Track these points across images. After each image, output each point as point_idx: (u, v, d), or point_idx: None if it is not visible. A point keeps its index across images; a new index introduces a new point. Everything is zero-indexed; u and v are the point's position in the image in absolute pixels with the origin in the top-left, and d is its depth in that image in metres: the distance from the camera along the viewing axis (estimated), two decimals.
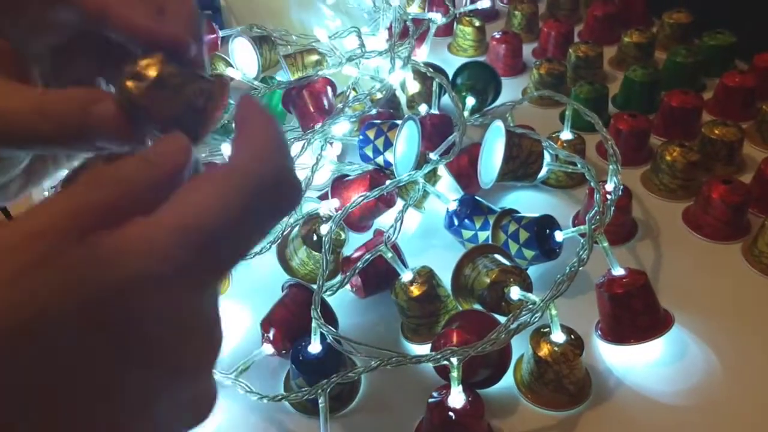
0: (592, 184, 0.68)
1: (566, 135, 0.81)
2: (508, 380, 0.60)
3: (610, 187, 0.67)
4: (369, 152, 0.76)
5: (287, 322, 0.61)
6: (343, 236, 0.70)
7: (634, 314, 0.61)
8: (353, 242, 0.71)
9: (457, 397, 0.53)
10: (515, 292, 0.58)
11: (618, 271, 0.62)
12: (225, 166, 0.23)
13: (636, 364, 0.61)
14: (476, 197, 0.73)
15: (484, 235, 0.69)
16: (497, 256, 0.63)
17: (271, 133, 0.24)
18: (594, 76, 1.00)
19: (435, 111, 0.83)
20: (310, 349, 0.58)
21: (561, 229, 0.67)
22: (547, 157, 0.78)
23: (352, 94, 0.82)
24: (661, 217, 0.78)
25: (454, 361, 0.53)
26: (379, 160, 0.76)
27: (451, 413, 0.52)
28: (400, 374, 0.61)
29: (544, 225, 0.67)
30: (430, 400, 0.54)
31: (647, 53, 1.03)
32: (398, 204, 0.73)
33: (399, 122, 0.73)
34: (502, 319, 0.57)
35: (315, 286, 0.60)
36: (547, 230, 0.66)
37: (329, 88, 0.83)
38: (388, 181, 0.71)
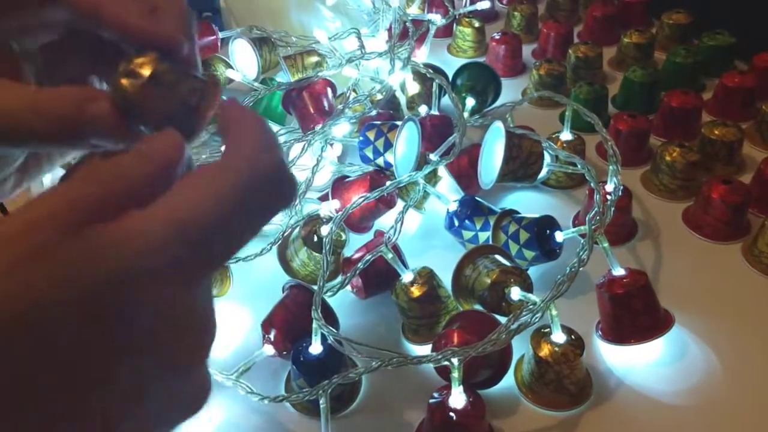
0: (592, 185, 0.68)
1: (566, 136, 0.81)
2: (508, 381, 0.60)
3: (610, 187, 0.67)
4: (369, 153, 0.76)
5: (288, 323, 0.61)
6: (343, 237, 0.70)
7: (634, 314, 0.61)
8: (354, 243, 0.71)
9: (458, 398, 0.53)
10: (516, 293, 0.58)
11: (618, 272, 0.62)
12: (218, 162, 0.24)
13: (636, 364, 0.61)
14: (476, 198, 0.73)
15: (484, 236, 0.70)
16: (498, 257, 0.63)
17: (261, 131, 0.25)
18: (593, 76, 1.00)
19: (435, 112, 0.83)
20: (311, 349, 0.58)
21: (561, 230, 0.67)
22: (547, 158, 0.78)
23: (352, 95, 0.82)
24: (661, 218, 0.78)
25: (455, 361, 0.53)
26: (380, 161, 0.76)
27: (452, 414, 0.52)
28: (401, 375, 0.61)
29: (545, 225, 0.67)
30: (431, 401, 0.54)
31: (647, 54, 1.04)
32: (398, 205, 0.73)
33: (399, 123, 0.73)
34: (502, 320, 0.57)
35: (316, 287, 0.60)
36: (548, 231, 0.66)
37: (329, 89, 0.83)
38: (388, 182, 0.71)
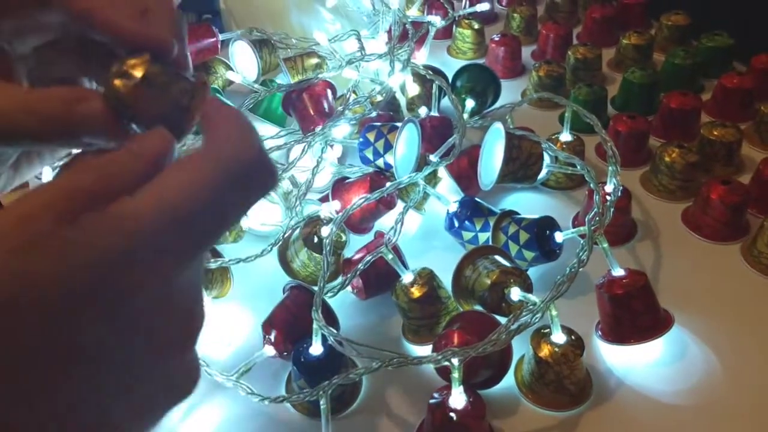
0: (591, 186, 0.69)
1: (566, 137, 0.82)
2: (508, 381, 0.60)
3: (609, 188, 0.67)
4: (369, 154, 0.76)
5: (288, 324, 0.61)
6: (343, 238, 0.70)
7: (634, 315, 0.61)
8: (354, 244, 0.71)
9: (458, 398, 0.53)
10: (516, 293, 0.58)
11: (618, 272, 0.62)
12: (202, 151, 0.25)
13: (636, 364, 0.62)
14: (476, 199, 0.73)
15: (484, 237, 0.70)
16: (497, 258, 0.63)
17: (240, 121, 0.26)
18: (593, 77, 1.00)
19: (435, 113, 0.83)
20: (311, 350, 0.58)
21: (561, 231, 0.67)
22: (547, 159, 0.79)
23: (352, 96, 0.82)
24: (661, 218, 0.78)
25: (455, 361, 0.53)
26: (380, 162, 0.76)
27: (452, 414, 0.53)
28: (401, 375, 0.61)
29: (544, 226, 0.67)
30: (431, 401, 0.54)
31: (646, 55, 1.04)
32: (399, 206, 0.73)
33: (399, 124, 0.73)
34: (502, 320, 0.57)
35: (316, 288, 0.61)
36: (547, 231, 0.67)
37: (329, 91, 0.83)
38: (388, 183, 0.71)
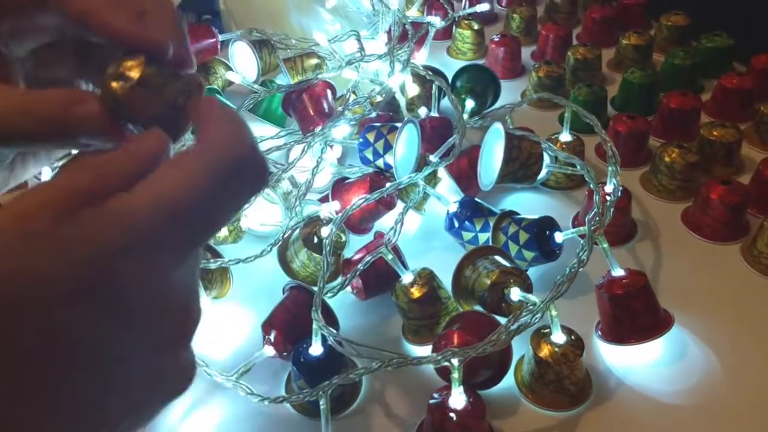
0: (591, 186, 0.69)
1: (565, 137, 0.82)
2: (508, 381, 0.60)
3: (609, 188, 0.67)
4: (369, 155, 0.76)
5: (288, 324, 0.61)
6: (343, 238, 0.70)
7: (634, 315, 0.61)
8: (354, 244, 0.71)
9: (458, 398, 0.53)
10: (515, 294, 0.58)
11: (618, 272, 0.62)
12: (196, 148, 0.25)
13: (636, 365, 0.62)
14: (476, 199, 0.73)
15: (484, 237, 0.70)
16: (497, 258, 0.63)
17: (232, 119, 0.26)
18: (592, 78, 1.00)
19: (435, 114, 0.83)
20: (311, 350, 0.58)
21: (561, 231, 0.67)
22: (547, 159, 0.79)
23: (352, 97, 0.82)
24: (661, 218, 0.78)
25: (455, 362, 0.53)
26: (379, 162, 0.76)
27: (452, 414, 0.53)
28: (401, 376, 0.61)
29: (544, 226, 0.67)
30: (431, 401, 0.54)
31: (645, 55, 1.04)
32: (398, 206, 0.73)
33: (399, 125, 0.73)
34: (502, 320, 0.57)
35: (316, 288, 0.60)
36: (547, 232, 0.67)
37: (329, 91, 0.83)
38: (388, 184, 0.71)
